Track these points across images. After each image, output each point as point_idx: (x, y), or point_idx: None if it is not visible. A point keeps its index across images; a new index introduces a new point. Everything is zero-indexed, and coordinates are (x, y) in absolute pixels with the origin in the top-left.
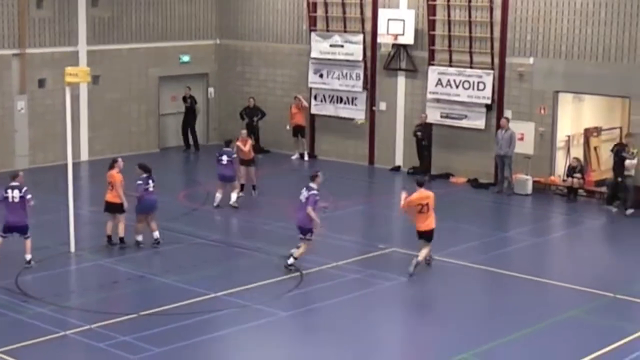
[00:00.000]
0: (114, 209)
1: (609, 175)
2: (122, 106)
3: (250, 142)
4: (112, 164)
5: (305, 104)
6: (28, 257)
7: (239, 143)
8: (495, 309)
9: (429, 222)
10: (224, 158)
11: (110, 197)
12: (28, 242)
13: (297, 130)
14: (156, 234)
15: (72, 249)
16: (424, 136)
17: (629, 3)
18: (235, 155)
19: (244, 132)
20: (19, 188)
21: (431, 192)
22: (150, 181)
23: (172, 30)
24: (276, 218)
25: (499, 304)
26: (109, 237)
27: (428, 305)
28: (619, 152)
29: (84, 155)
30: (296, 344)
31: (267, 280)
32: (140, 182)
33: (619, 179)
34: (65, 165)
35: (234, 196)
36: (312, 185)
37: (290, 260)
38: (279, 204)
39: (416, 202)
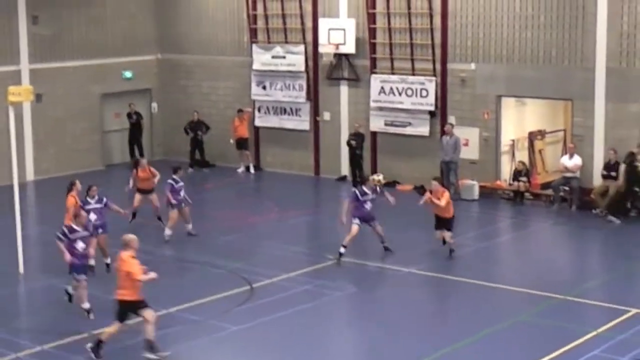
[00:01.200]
0: None
1: (555, 177)
2: (65, 124)
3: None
4: (70, 186)
5: (248, 110)
6: None
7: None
8: (445, 315)
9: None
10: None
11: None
12: None
13: (241, 143)
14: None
15: (21, 269)
16: (357, 145)
17: (568, 6)
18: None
19: (144, 161)
20: None
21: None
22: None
23: (113, 46)
24: (223, 232)
25: (449, 310)
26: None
27: (379, 314)
28: (632, 162)
29: (30, 175)
30: (249, 357)
31: (217, 295)
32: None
33: (635, 189)
34: (11, 186)
35: (189, 227)
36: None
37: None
38: (226, 218)
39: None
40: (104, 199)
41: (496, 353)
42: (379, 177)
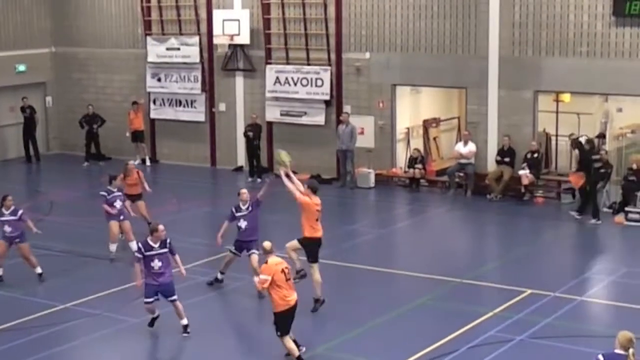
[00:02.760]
0: None
1: (450, 164)
2: None
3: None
4: None
5: (141, 102)
6: None
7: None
8: (345, 302)
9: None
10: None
11: None
12: None
13: (136, 136)
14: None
15: None
16: (254, 136)
17: None
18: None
19: (131, 164)
20: None
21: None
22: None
23: (6, 39)
24: None
25: (348, 297)
26: None
27: None
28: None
29: None
30: (150, 348)
31: (115, 288)
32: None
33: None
34: None
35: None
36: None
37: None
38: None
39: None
40: (20, 211)
41: (397, 337)
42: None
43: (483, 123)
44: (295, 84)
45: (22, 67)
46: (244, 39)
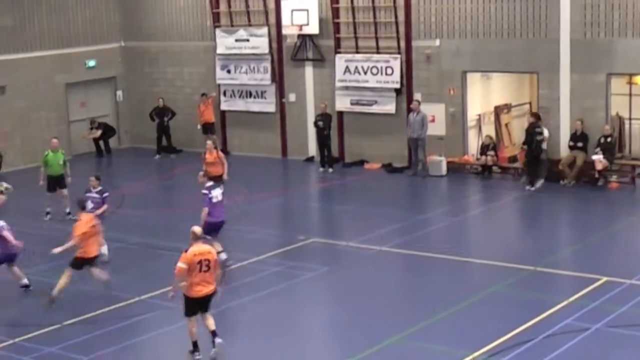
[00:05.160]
0: None
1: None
2: (31, 115)
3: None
4: None
5: (213, 95)
6: None
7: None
8: (419, 290)
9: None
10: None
11: None
12: None
13: (207, 128)
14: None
15: None
16: (325, 125)
17: None
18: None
19: (209, 142)
20: None
21: None
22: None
23: (76, 35)
24: (193, 217)
25: (422, 286)
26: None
27: (353, 293)
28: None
29: None
30: (226, 340)
31: None
32: None
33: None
34: None
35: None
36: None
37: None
38: (195, 203)
39: None
40: (105, 194)
41: (471, 325)
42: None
43: (555, 108)
44: (365, 73)
45: (92, 63)
46: (313, 28)
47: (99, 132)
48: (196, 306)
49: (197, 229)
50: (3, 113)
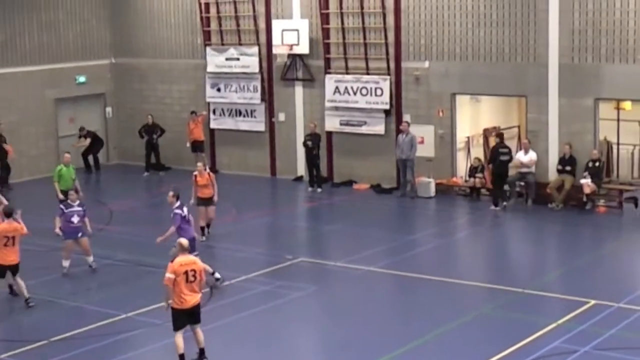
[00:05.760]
0: None
1: (511, 173)
2: (19, 129)
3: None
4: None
5: (203, 113)
6: None
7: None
8: (408, 311)
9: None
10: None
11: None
12: None
13: (196, 146)
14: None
15: None
16: (314, 145)
17: (519, 3)
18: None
19: (200, 164)
20: None
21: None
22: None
23: (66, 51)
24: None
25: (411, 307)
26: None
27: (341, 313)
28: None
29: None
30: (215, 358)
31: None
32: None
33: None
34: None
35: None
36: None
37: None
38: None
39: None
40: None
41: (460, 347)
42: None
43: (543, 131)
44: (354, 94)
45: (82, 79)
46: (303, 48)
47: (87, 141)
48: (184, 318)
49: (184, 241)
50: None
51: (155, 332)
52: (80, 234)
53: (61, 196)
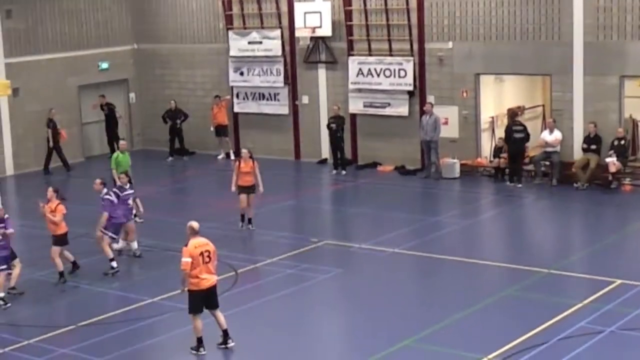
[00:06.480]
0: None
1: (535, 152)
2: (43, 118)
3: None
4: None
5: (227, 98)
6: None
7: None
8: (432, 293)
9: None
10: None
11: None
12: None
13: (220, 130)
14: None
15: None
16: (338, 128)
17: None
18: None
19: (245, 151)
20: None
21: None
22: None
23: (88, 38)
24: (205, 219)
25: (435, 289)
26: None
27: (367, 295)
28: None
29: (9, 170)
30: (240, 342)
31: None
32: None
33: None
34: None
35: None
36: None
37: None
38: (207, 205)
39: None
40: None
41: (485, 328)
42: None
43: (568, 110)
44: (378, 75)
45: (104, 65)
46: (326, 31)
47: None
48: (201, 300)
49: (195, 224)
50: (16, 115)
51: (181, 317)
52: (133, 216)
53: (119, 182)
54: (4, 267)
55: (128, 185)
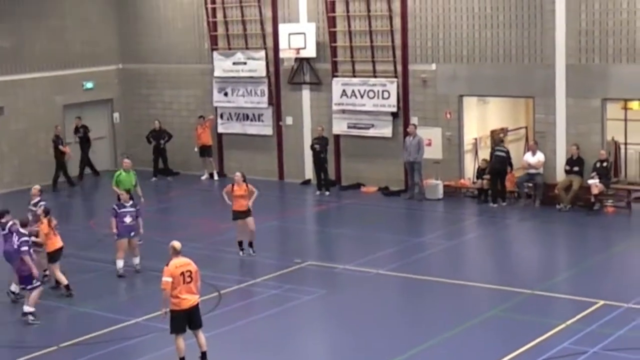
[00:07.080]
0: None
1: (518, 174)
2: (28, 136)
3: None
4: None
5: (211, 118)
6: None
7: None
8: (417, 314)
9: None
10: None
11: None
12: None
13: (204, 150)
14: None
15: None
16: (321, 148)
17: (526, 5)
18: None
19: (239, 174)
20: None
21: None
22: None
23: (74, 57)
24: (189, 239)
25: (420, 310)
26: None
27: (350, 316)
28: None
29: None
30: None
31: None
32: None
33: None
34: None
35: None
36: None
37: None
38: (191, 225)
39: None
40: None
41: (469, 349)
42: None
43: (551, 132)
44: (361, 97)
45: (89, 84)
46: (310, 52)
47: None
48: (183, 320)
49: (177, 244)
50: (1, 134)
51: (165, 337)
52: (132, 233)
53: (122, 199)
54: (37, 284)
55: (129, 202)
